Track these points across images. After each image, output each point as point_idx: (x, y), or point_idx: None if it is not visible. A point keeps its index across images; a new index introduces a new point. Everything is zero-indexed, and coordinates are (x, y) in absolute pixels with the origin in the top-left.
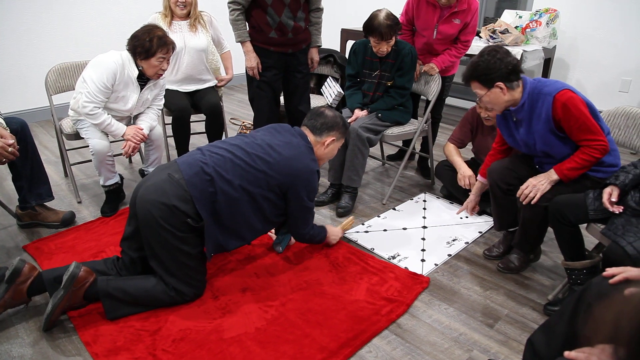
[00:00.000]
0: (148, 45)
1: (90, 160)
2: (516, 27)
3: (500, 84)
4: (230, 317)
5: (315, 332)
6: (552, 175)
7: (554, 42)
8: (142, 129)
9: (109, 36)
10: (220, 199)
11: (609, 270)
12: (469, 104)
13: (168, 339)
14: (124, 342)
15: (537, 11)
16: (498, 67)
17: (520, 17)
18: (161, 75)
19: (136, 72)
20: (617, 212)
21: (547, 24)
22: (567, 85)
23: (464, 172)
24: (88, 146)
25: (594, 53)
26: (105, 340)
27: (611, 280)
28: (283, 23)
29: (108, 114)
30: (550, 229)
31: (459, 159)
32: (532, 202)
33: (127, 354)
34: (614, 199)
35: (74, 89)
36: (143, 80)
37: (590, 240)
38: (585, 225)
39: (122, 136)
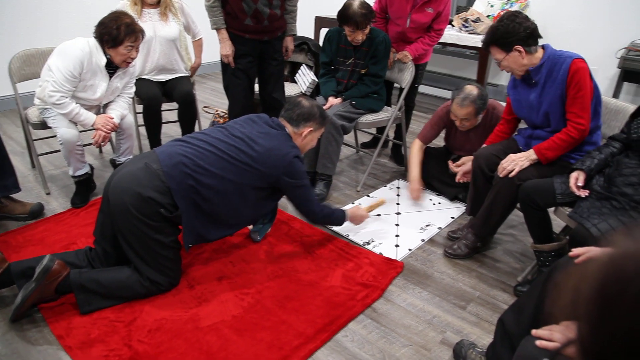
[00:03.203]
0: (115, 33)
1: (58, 151)
2: (488, 16)
3: (519, 47)
4: (207, 305)
5: (291, 319)
6: (531, 154)
7: None
8: (112, 118)
9: (76, 22)
10: (202, 192)
11: (575, 251)
12: (441, 92)
13: (144, 330)
14: (98, 333)
15: (508, 0)
16: (517, 30)
17: (492, 6)
18: (130, 63)
19: (104, 60)
20: (583, 196)
21: None
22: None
23: (413, 185)
24: (56, 136)
25: (562, 42)
26: (78, 333)
27: (576, 260)
28: (259, 10)
29: (77, 103)
30: (510, 217)
31: (416, 167)
32: (510, 176)
33: (101, 346)
34: (580, 184)
35: (39, 77)
36: (112, 68)
37: (557, 223)
38: (553, 209)
39: (92, 125)
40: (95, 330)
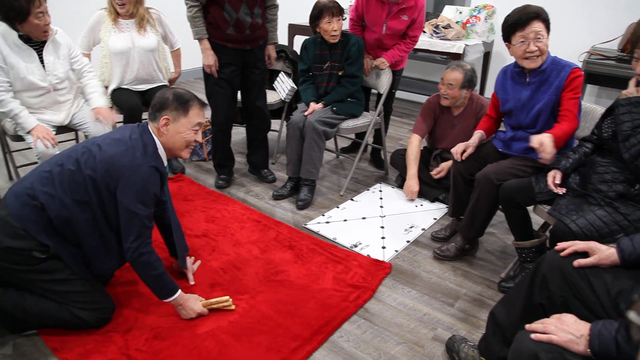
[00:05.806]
0: (18, 5)
1: (36, 163)
2: (457, 22)
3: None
4: None
5: (287, 322)
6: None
7: (492, 36)
8: (52, 131)
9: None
10: (58, 223)
11: (560, 245)
12: (415, 96)
13: (141, 338)
14: (95, 344)
15: (476, 7)
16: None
17: (460, 12)
18: (47, 31)
19: (15, 34)
20: (560, 194)
21: (485, 19)
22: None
23: (412, 185)
24: (31, 147)
25: None
26: (74, 345)
27: (562, 254)
28: (240, 19)
29: (20, 104)
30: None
31: (415, 167)
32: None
33: (99, 356)
34: (557, 182)
35: None
36: (35, 43)
37: (536, 220)
38: (532, 207)
39: (30, 132)
40: (91, 341)
